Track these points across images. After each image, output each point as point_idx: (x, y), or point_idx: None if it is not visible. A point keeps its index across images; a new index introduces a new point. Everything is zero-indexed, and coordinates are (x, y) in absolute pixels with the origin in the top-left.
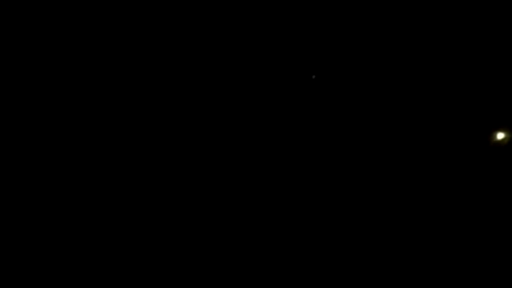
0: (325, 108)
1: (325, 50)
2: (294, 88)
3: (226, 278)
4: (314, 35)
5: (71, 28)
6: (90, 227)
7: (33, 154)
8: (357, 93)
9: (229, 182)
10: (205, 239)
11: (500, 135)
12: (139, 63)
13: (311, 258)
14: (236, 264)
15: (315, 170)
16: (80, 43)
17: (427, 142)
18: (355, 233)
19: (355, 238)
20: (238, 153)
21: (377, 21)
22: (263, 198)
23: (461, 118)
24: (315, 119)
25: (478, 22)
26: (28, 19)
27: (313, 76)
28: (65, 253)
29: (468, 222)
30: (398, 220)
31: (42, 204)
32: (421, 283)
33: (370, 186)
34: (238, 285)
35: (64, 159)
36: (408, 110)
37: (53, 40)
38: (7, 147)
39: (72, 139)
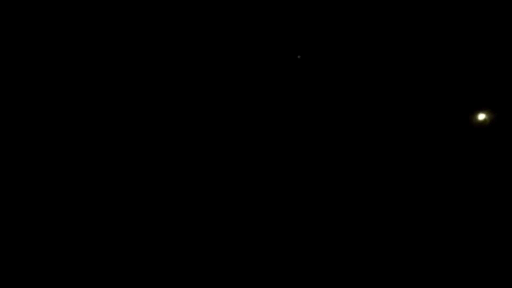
0: (323, 107)
1: (324, 50)
2: (292, 87)
3: (226, 278)
4: (313, 35)
5: (71, 28)
6: (90, 227)
7: (33, 154)
8: (347, 88)
9: (229, 182)
10: (205, 239)
11: (482, 116)
12: (139, 63)
13: (311, 258)
14: (236, 264)
15: (313, 169)
16: (80, 43)
17: (411, 124)
18: (354, 232)
19: (354, 237)
20: (238, 153)
21: (372, 19)
22: (263, 198)
23: (443, 100)
24: (314, 119)
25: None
26: (28, 19)
27: (299, 56)
28: (65, 253)
29: (454, 202)
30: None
31: (42, 204)
32: (420, 282)
33: (359, 176)
34: (238, 285)
35: (64, 159)
36: (391, 93)
37: (53, 40)
38: (7, 147)
39: (72, 139)
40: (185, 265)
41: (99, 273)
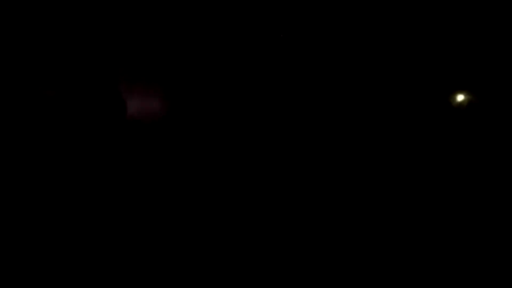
0: (321, 106)
1: (323, 49)
2: (291, 88)
3: (226, 278)
4: (311, 34)
5: (71, 28)
6: (90, 227)
7: (33, 154)
8: (339, 84)
9: (229, 182)
10: (205, 239)
11: (460, 97)
12: (140, 63)
13: (311, 258)
14: (236, 264)
15: (312, 168)
16: (80, 43)
17: (392, 105)
18: (353, 231)
19: (354, 237)
20: (238, 153)
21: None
22: (262, 198)
23: (423, 82)
24: (313, 118)
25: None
26: (28, 19)
27: (281, 35)
28: (65, 253)
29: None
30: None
31: (42, 204)
32: (420, 281)
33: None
34: (238, 285)
35: (64, 159)
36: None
37: (53, 40)
38: (7, 147)
39: (72, 139)
40: (185, 265)
41: (99, 273)
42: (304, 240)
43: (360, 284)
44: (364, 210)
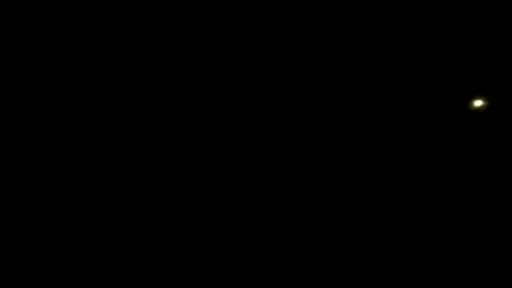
0: (321, 106)
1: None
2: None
3: (226, 278)
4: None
5: (71, 28)
6: (90, 227)
7: (33, 154)
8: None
9: (229, 182)
10: (205, 239)
11: (478, 103)
12: (139, 63)
13: (311, 258)
14: (236, 264)
15: (312, 168)
16: (80, 43)
17: (407, 111)
18: (353, 231)
19: (354, 237)
20: (238, 153)
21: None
22: (262, 198)
23: (439, 87)
24: (313, 118)
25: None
26: (28, 19)
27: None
28: (65, 253)
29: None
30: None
31: (42, 204)
32: (420, 281)
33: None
34: (238, 285)
35: (64, 159)
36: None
37: (53, 40)
38: (7, 147)
39: (72, 139)
40: (185, 265)
41: (99, 273)
42: (304, 240)
43: (360, 284)
44: (365, 210)
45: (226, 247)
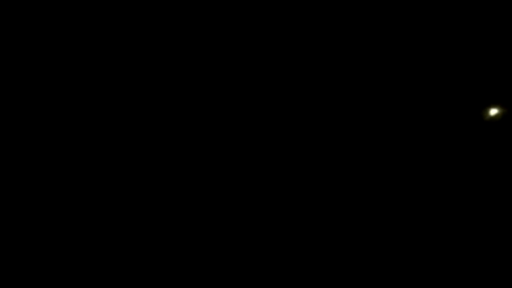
0: (320, 106)
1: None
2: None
3: (226, 278)
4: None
5: (71, 28)
6: (90, 227)
7: (33, 154)
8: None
9: (229, 182)
10: (205, 239)
11: (494, 111)
12: (139, 63)
13: (311, 258)
14: (236, 264)
15: (311, 169)
16: (80, 43)
17: (421, 118)
18: (354, 232)
19: (354, 237)
20: (237, 153)
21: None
22: (262, 198)
23: (454, 95)
24: (312, 118)
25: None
26: (28, 19)
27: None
28: (65, 253)
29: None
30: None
31: (42, 204)
32: (420, 281)
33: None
34: (238, 285)
35: (64, 159)
36: (398, 88)
37: (53, 40)
38: (7, 147)
39: (72, 139)
40: (185, 265)
41: (99, 273)
42: (304, 240)
43: (360, 284)
44: (365, 210)
45: (226, 247)
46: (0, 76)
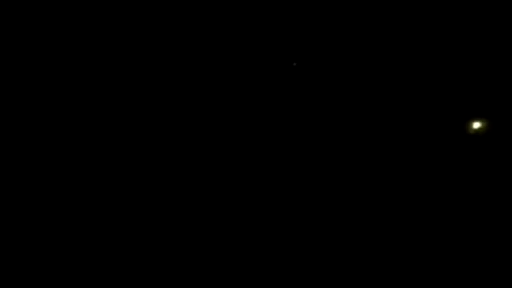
0: (319, 106)
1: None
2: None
3: (226, 278)
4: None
5: (71, 28)
6: (90, 227)
7: (33, 154)
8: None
9: (229, 182)
10: (205, 239)
11: (477, 125)
12: (139, 63)
13: (311, 258)
14: (236, 264)
15: (311, 169)
16: (80, 43)
17: (406, 133)
18: (353, 232)
19: (353, 238)
20: (237, 153)
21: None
22: (262, 198)
23: (438, 109)
24: (310, 118)
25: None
26: (28, 19)
27: (294, 64)
28: (65, 253)
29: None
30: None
31: (42, 204)
32: (419, 282)
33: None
34: (238, 285)
35: (64, 159)
36: (385, 101)
37: (53, 40)
38: (7, 147)
39: (72, 139)
40: (185, 265)
41: (99, 273)
42: (304, 240)
43: (360, 284)
44: (365, 211)
45: (226, 247)
46: (0, 76)
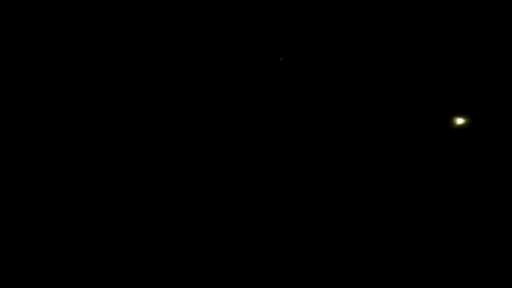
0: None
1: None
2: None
3: (226, 278)
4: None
5: (71, 28)
6: (90, 227)
7: (33, 154)
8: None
9: (229, 182)
10: (205, 239)
11: (460, 121)
12: (139, 63)
13: (311, 258)
14: (236, 264)
15: (308, 168)
16: (80, 43)
17: (389, 129)
18: (351, 231)
19: (353, 237)
20: (236, 153)
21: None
22: (262, 198)
23: (420, 106)
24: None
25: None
26: (28, 19)
27: (281, 59)
28: (65, 253)
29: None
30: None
31: (42, 204)
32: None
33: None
34: (238, 285)
35: (64, 159)
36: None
37: (53, 40)
38: (7, 147)
39: (72, 139)
40: (185, 265)
41: (99, 273)
42: (304, 240)
43: (360, 284)
44: (364, 211)
45: (226, 247)
46: (0, 76)
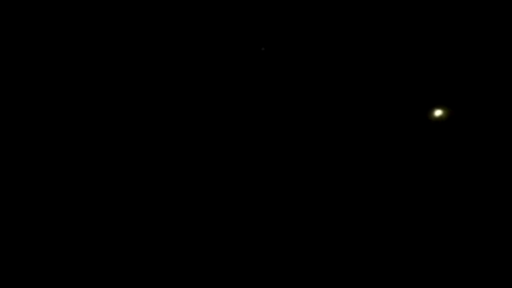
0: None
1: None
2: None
3: (226, 278)
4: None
5: (71, 28)
6: (90, 227)
7: (33, 154)
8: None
9: (229, 182)
10: (205, 239)
11: (438, 112)
12: (139, 63)
13: (311, 258)
14: (236, 264)
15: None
16: (80, 43)
17: (371, 121)
18: (350, 231)
19: (352, 237)
20: (235, 152)
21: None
22: (262, 198)
23: (398, 97)
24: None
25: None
26: (28, 19)
27: (262, 48)
28: (65, 253)
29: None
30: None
31: (42, 204)
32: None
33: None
34: (238, 285)
35: (64, 159)
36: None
37: (53, 40)
38: (7, 147)
39: (72, 139)
40: (185, 265)
41: (99, 273)
42: (304, 240)
43: (360, 284)
44: (364, 211)
45: (226, 247)
46: (0, 76)
